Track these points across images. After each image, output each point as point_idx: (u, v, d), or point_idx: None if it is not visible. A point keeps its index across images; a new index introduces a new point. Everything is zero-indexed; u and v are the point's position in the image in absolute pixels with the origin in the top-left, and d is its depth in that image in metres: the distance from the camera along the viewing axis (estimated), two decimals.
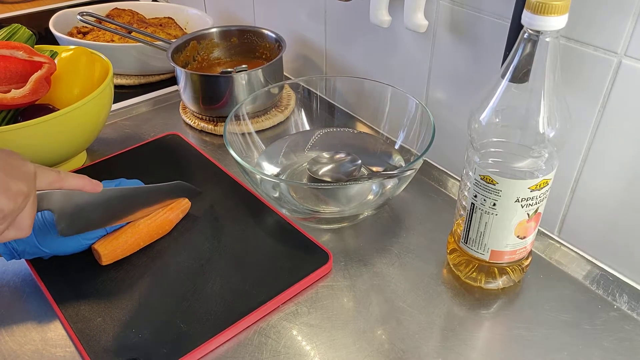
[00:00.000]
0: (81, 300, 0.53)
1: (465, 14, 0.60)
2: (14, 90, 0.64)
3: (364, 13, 0.71)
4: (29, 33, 0.74)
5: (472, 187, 0.49)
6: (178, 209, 0.61)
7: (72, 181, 0.49)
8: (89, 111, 0.67)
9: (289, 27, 0.91)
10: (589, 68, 0.51)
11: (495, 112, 0.45)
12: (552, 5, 0.39)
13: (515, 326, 0.51)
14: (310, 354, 0.49)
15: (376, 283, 0.56)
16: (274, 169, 0.69)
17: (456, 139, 0.68)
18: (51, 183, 0.47)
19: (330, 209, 0.62)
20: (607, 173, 0.53)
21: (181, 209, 0.61)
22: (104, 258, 0.55)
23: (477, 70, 0.62)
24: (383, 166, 0.69)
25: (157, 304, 0.52)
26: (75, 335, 0.49)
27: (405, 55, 0.71)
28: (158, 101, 0.91)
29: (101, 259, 0.55)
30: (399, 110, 0.68)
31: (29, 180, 0.43)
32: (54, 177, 0.47)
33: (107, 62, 0.74)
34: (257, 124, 0.77)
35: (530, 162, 0.46)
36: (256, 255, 0.58)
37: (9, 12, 1.22)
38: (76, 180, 0.49)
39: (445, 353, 0.49)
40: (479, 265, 0.53)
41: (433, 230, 0.62)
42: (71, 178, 0.49)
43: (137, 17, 1.09)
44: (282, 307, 0.53)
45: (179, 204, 0.61)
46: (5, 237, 0.43)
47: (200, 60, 0.90)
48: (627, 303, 0.53)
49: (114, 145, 0.78)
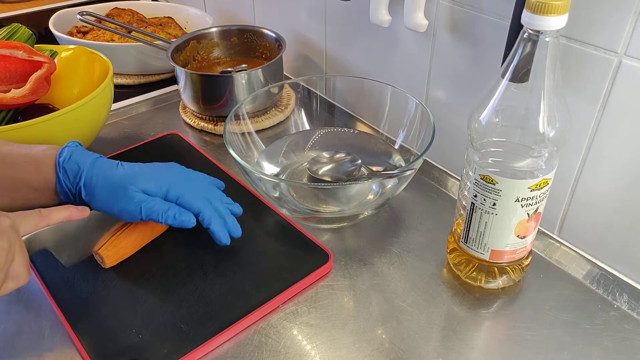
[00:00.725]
0: (81, 299, 0.53)
1: (465, 14, 0.60)
2: (13, 90, 0.64)
3: (364, 13, 0.71)
4: (29, 32, 0.74)
5: (472, 186, 0.49)
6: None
7: (57, 216, 0.49)
8: (89, 111, 0.67)
9: (289, 27, 0.91)
10: (589, 68, 0.51)
11: (495, 112, 0.45)
12: (552, 5, 0.39)
13: (515, 326, 0.51)
14: (310, 354, 0.49)
15: (376, 283, 0.56)
16: (274, 169, 0.69)
17: (456, 138, 0.68)
18: (36, 224, 0.47)
19: (330, 208, 0.62)
20: (607, 172, 0.53)
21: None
22: (107, 260, 0.55)
23: (477, 69, 0.62)
24: (383, 166, 0.69)
25: (157, 304, 0.52)
26: (75, 335, 0.49)
27: (405, 54, 0.71)
28: (158, 101, 0.91)
29: (104, 262, 0.55)
30: (399, 109, 0.68)
31: (7, 233, 0.42)
32: (36, 219, 0.47)
33: (107, 61, 0.74)
34: (257, 124, 0.77)
35: (530, 162, 0.46)
36: (256, 255, 0.58)
37: (9, 12, 1.22)
38: (61, 213, 0.49)
39: (445, 353, 0.49)
40: (479, 265, 0.53)
41: (433, 229, 0.62)
42: (55, 213, 0.49)
43: (137, 16, 1.09)
44: (282, 307, 0.53)
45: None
46: (5, 290, 0.43)
47: (200, 59, 0.90)
48: (627, 302, 0.53)
49: (114, 145, 0.78)
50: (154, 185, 0.54)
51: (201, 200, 0.55)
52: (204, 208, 0.55)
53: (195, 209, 0.54)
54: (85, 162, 0.54)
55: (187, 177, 0.58)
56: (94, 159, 0.55)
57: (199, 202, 0.55)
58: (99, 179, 0.53)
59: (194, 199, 0.54)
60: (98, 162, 0.55)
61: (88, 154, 0.55)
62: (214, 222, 0.55)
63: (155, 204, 0.53)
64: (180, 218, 0.53)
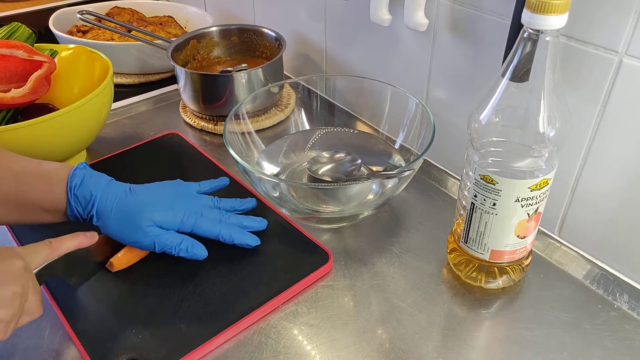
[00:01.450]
0: (81, 299, 0.53)
1: (465, 13, 0.60)
2: (13, 89, 0.64)
3: (364, 12, 0.71)
4: (29, 32, 0.73)
5: (472, 186, 0.49)
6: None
7: (67, 245, 0.49)
8: (89, 110, 0.67)
9: (289, 26, 0.91)
10: (589, 67, 0.51)
11: (495, 112, 0.45)
12: (552, 4, 0.39)
13: (515, 326, 0.51)
14: (311, 354, 0.49)
15: (376, 283, 0.56)
16: (274, 169, 0.69)
17: (456, 138, 0.68)
18: (47, 257, 0.47)
19: (330, 208, 0.62)
20: (608, 172, 0.53)
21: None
22: (117, 267, 0.55)
23: (477, 69, 0.62)
24: (383, 166, 0.69)
25: (157, 304, 0.52)
26: (75, 335, 0.49)
27: (406, 54, 0.71)
28: (158, 100, 0.91)
29: (113, 268, 0.55)
30: (399, 109, 0.68)
31: (21, 277, 0.42)
32: (47, 252, 0.47)
33: (107, 61, 0.74)
34: (257, 123, 0.77)
35: (530, 162, 0.46)
36: (256, 255, 0.58)
37: (9, 11, 1.22)
38: (70, 242, 0.49)
39: (445, 353, 0.49)
40: (479, 265, 0.53)
41: (433, 229, 0.62)
42: (65, 243, 0.49)
43: (137, 15, 1.09)
44: (282, 307, 0.53)
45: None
46: (20, 324, 0.43)
47: (200, 59, 0.90)
48: (627, 302, 0.53)
49: (114, 145, 0.78)
50: (167, 216, 0.54)
51: (213, 222, 0.56)
52: (220, 229, 0.56)
53: (213, 234, 0.56)
54: (97, 189, 0.53)
55: (196, 198, 0.58)
56: (105, 184, 0.54)
57: (213, 226, 0.56)
58: (112, 211, 0.53)
59: (208, 225, 0.56)
60: (110, 188, 0.54)
61: (99, 179, 0.54)
62: (236, 237, 0.56)
63: (168, 237, 0.54)
64: (192, 251, 0.54)
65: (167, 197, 0.56)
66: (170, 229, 0.54)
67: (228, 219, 0.58)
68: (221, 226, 0.56)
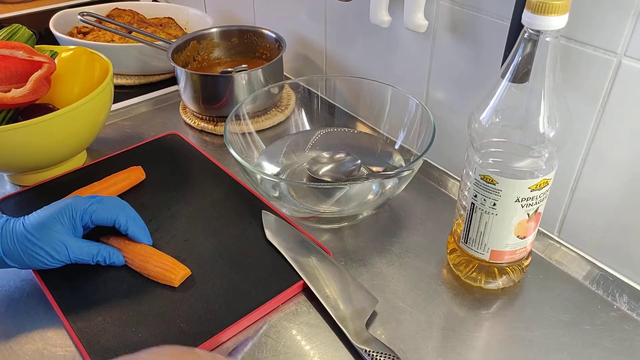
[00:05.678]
0: (81, 299, 0.53)
1: (465, 14, 0.61)
2: (14, 89, 0.64)
3: (364, 13, 0.71)
4: (29, 33, 0.74)
5: (472, 187, 0.49)
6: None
7: None
8: (89, 111, 0.67)
9: (289, 27, 0.91)
10: (588, 68, 0.51)
11: (496, 112, 0.45)
12: (552, 5, 0.39)
13: (515, 326, 0.51)
14: (310, 354, 0.49)
15: (376, 283, 0.56)
16: (274, 169, 0.69)
17: (456, 139, 0.68)
18: None
19: (330, 208, 0.62)
20: (607, 173, 0.53)
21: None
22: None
23: (477, 70, 0.62)
24: (383, 166, 0.69)
25: (157, 303, 0.52)
26: (76, 335, 0.49)
27: (405, 55, 0.71)
28: (158, 101, 0.91)
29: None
30: (399, 110, 0.68)
31: None
32: None
33: (107, 62, 0.74)
34: (257, 124, 0.77)
35: (530, 162, 0.46)
36: (256, 255, 0.58)
37: (10, 12, 1.22)
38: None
39: (445, 353, 0.49)
40: (479, 265, 0.53)
41: (433, 230, 0.62)
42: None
43: (138, 17, 1.09)
44: (282, 306, 0.53)
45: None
46: None
47: (200, 60, 0.90)
48: (627, 303, 0.53)
49: (114, 145, 0.78)
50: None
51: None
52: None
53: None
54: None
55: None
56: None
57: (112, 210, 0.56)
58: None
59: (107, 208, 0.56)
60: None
61: None
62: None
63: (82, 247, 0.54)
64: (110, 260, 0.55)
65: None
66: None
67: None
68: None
